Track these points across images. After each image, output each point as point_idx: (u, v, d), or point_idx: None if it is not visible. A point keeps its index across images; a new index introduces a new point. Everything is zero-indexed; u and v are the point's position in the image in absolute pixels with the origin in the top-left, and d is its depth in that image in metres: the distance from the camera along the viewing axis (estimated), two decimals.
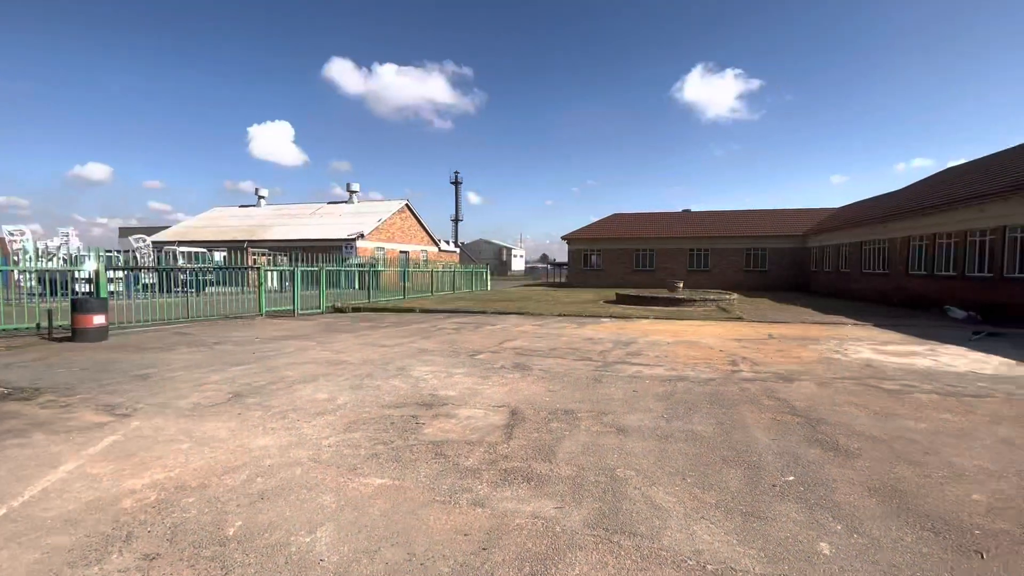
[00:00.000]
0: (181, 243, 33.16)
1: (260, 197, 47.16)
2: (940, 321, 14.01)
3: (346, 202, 43.93)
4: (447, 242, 67.28)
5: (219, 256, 29.70)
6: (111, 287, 15.29)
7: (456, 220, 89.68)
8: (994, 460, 3.91)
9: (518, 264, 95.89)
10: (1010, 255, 15.28)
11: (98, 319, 9.97)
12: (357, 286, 21.62)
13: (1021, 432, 4.57)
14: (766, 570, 2.49)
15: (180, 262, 24.83)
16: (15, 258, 18.51)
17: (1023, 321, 13.57)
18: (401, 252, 40.10)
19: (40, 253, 19.78)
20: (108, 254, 17.91)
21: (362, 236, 35.15)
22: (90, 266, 12.98)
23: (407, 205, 42.18)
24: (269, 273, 19.08)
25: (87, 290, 14.18)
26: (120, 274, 18.41)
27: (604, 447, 4.17)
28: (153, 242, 29.86)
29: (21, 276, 16.97)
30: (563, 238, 37.37)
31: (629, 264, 35.29)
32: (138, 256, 24.73)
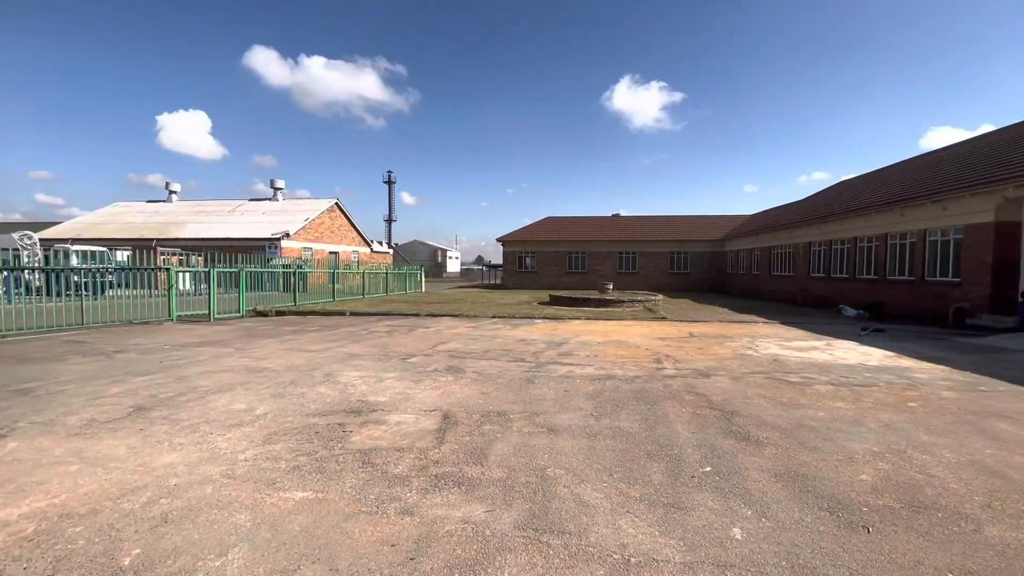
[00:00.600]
0: (76, 241, 29.81)
1: (171, 192, 43.44)
2: (835, 319, 15.53)
3: (270, 199, 41.54)
4: (380, 243, 65.48)
5: (122, 255, 26.97)
6: None
7: (389, 220, 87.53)
8: (878, 443, 4.37)
9: (453, 266, 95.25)
10: (891, 260, 17.24)
11: None
12: (282, 288, 20.46)
13: (899, 417, 5.15)
14: (685, 558, 2.63)
15: (74, 261, 22.27)
16: None
17: (901, 318, 15.37)
18: (331, 253, 38.51)
19: None
20: None
21: (288, 235, 33.37)
22: None
23: (337, 204, 40.58)
24: (181, 274, 17.60)
25: None
26: None
27: (535, 447, 4.22)
28: (41, 240, 26.53)
29: None
30: (498, 240, 37.60)
31: (562, 266, 36.13)
32: (22, 255, 21.89)
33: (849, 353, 9.07)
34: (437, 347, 9.62)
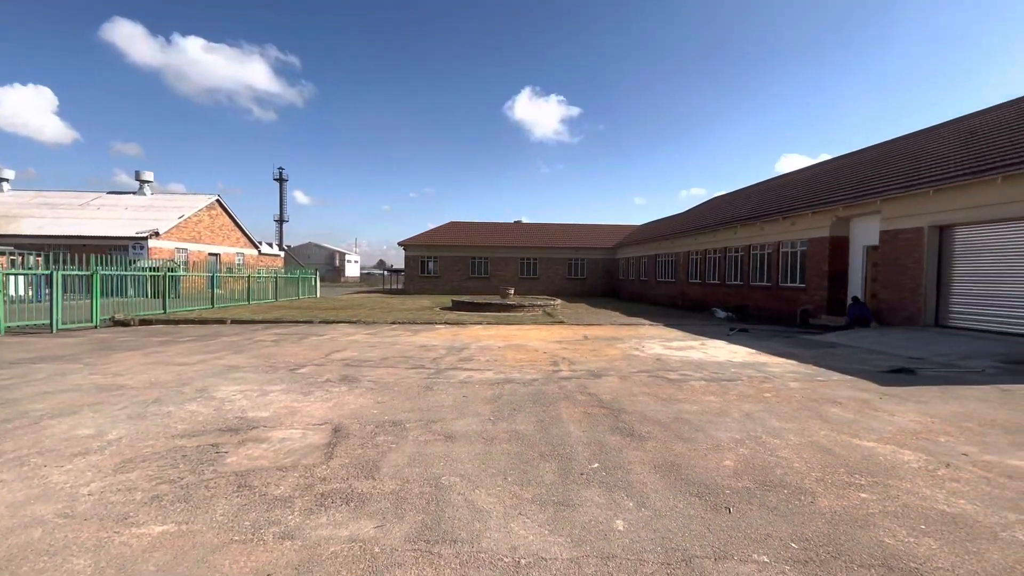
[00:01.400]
0: None
1: (2, 179, 36.51)
2: (709, 320, 17.28)
3: (135, 193, 36.64)
4: (270, 245, 60.66)
5: None
6: None
7: (281, 221, 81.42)
8: (740, 431, 4.92)
9: (353, 270, 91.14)
10: (754, 268, 19.55)
11: None
12: (150, 294, 18.06)
13: (757, 407, 5.84)
14: (571, 554, 2.73)
15: None
16: None
17: (762, 318, 17.50)
18: (211, 255, 34.88)
19: None
20: None
21: (157, 234, 29.65)
22: None
23: (218, 201, 36.89)
24: (12, 277, 14.81)
25: None
26: None
27: (431, 456, 4.15)
28: None
29: None
30: (400, 244, 36.68)
31: (465, 271, 36.18)
32: None
33: (719, 351, 10.13)
34: (331, 356, 9.11)
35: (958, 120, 15.97)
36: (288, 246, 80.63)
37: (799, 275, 16.85)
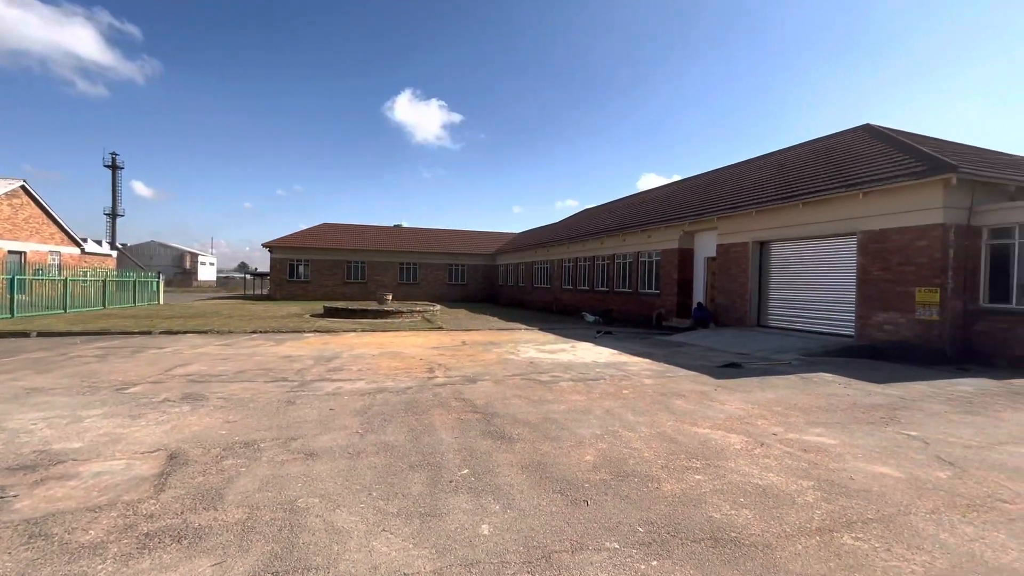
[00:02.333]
0: None
1: None
2: (580, 323, 18.46)
3: None
4: (99, 242, 51.39)
5: None
6: None
7: (114, 215, 69.40)
8: (600, 427, 5.30)
9: (208, 273, 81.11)
10: (618, 275, 21.31)
11: None
12: None
13: (616, 403, 6.35)
14: (435, 565, 2.69)
15: None
16: None
17: (625, 321, 19.13)
18: (11, 253, 28.50)
19: None
20: None
21: None
22: None
23: (24, 187, 30.31)
24: None
25: None
26: None
27: (287, 477, 3.81)
28: None
29: None
30: (265, 245, 33.49)
31: (340, 276, 34.25)
32: None
33: (587, 353, 10.85)
34: (172, 371, 7.96)
35: (773, 153, 19.14)
36: (123, 245, 69.07)
37: (655, 282, 18.78)
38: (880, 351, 10.49)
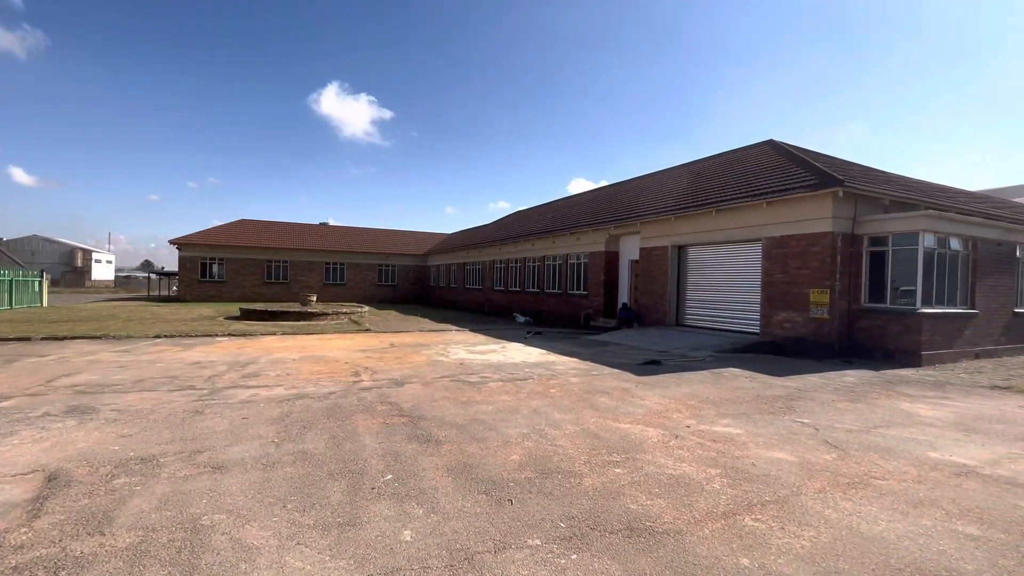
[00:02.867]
0: None
1: None
2: (511, 324, 18.64)
3: None
4: None
5: None
6: None
7: None
8: (527, 426, 5.37)
9: (104, 272, 73.17)
10: (548, 276, 21.74)
11: None
12: None
13: (544, 402, 6.47)
14: None
15: None
16: None
17: (554, 322, 19.56)
18: None
19: None
20: None
21: None
22: None
23: None
24: None
25: None
26: None
27: (190, 494, 3.51)
28: None
29: None
30: (173, 242, 30.73)
31: (260, 276, 32.19)
32: None
33: (517, 353, 10.97)
34: (55, 382, 7.10)
35: (691, 163, 20.41)
36: None
37: (583, 284, 19.37)
38: (781, 347, 11.50)
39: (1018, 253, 12.62)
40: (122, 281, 66.97)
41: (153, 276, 44.07)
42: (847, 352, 10.87)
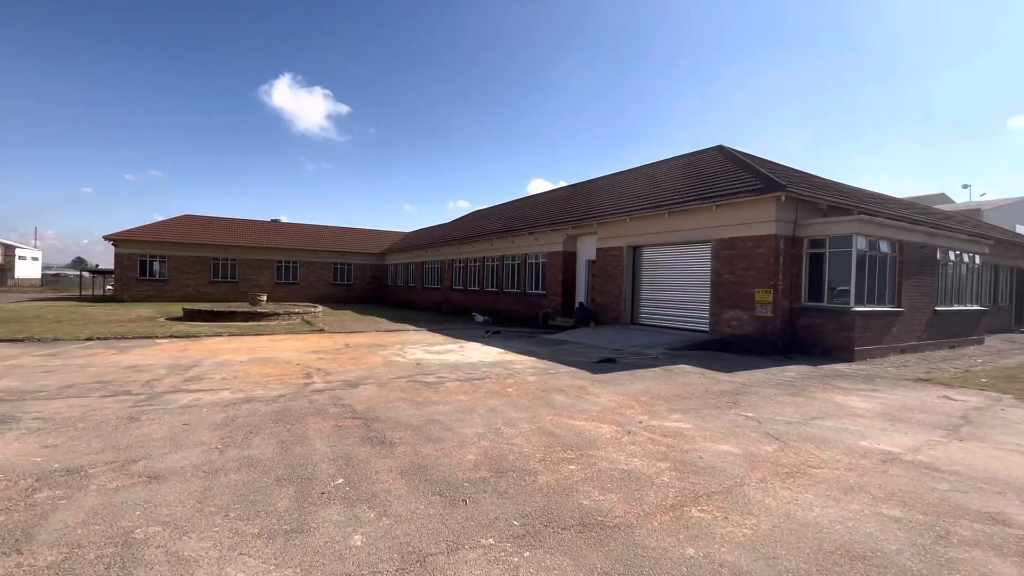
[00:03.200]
0: None
1: None
2: (470, 324, 18.57)
3: None
4: None
5: None
6: None
7: None
8: (484, 425, 5.36)
9: (30, 270, 67.74)
10: (507, 276, 21.79)
11: None
12: None
13: (500, 401, 6.48)
14: None
15: None
16: None
17: (513, 321, 19.62)
18: None
19: None
20: None
21: None
22: None
23: None
24: None
25: None
26: None
27: (123, 506, 3.30)
28: None
29: None
30: (108, 238, 28.77)
31: (205, 274, 30.65)
32: None
33: (475, 352, 10.94)
34: None
35: (646, 166, 20.96)
36: None
37: (542, 283, 19.54)
38: (729, 344, 12.00)
39: (938, 256, 13.68)
40: (50, 280, 62.17)
41: (86, 274, 41.13)
42: (789, 348, 11.46)
